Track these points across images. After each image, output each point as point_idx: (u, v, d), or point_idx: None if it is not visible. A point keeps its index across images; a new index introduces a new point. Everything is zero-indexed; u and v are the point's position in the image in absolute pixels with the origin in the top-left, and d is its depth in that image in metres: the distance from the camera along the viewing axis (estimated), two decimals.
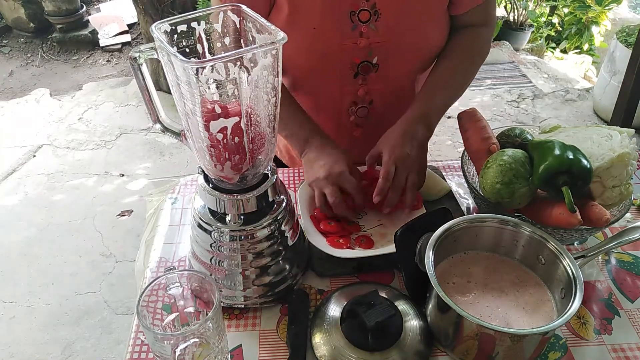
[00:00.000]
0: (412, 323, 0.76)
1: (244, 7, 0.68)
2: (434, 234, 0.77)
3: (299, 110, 1.01)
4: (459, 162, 0.98)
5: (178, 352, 0.64)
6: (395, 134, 0.93)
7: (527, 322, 0.72)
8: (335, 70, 0.98)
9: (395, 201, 0.88)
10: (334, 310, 0.77)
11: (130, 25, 4.35)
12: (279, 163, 1.27)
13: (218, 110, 0.65)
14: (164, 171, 2.88)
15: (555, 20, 4.32)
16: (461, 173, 0.96)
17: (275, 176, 0.77)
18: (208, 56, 0.71)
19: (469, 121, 0.95)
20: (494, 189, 0.83)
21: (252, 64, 0.64)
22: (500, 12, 4.42)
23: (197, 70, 0.60)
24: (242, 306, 0.81)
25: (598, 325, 0.80)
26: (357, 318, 0.72)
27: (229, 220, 0.75)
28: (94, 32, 4.19)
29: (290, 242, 0.81)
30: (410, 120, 0.95)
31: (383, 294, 0.77)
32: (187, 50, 0.69)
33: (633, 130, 0.89)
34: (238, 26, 0.70)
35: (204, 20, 0.69)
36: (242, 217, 0.75)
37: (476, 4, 0.99)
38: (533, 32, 4.24)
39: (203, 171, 0.76)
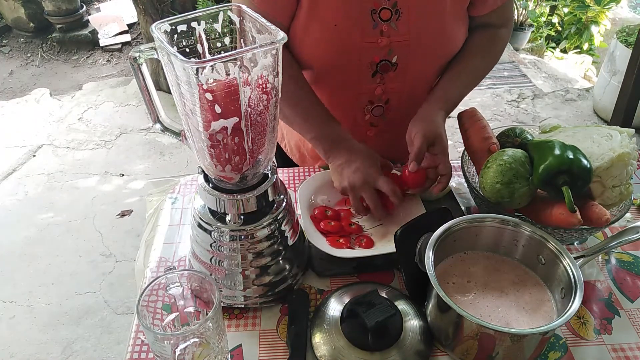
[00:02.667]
0: (412, 323, 0.76)
1: (243, 7, 0.68)
2: (434, 234, 0.77)
3: (323, 109, 1.00)
4: (459, 162, 0.98)
5: (178, 352, 0.64)
6: (426, 118, 0.93)
7: (527, 322, 0.72)
8: (354, 68, 0.98)
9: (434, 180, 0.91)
10: (334, 310, 0.77)
11: (130, 25, 4.35)
12: (286, 161, 1.26)
13: (218, 110, 0.65)
14: (164, 171, 2.88)
15: (555, 20, 4.32)
16: (461, 173, 0.96)
17: (275, 176, 0.77)
18: (208, 56, 0.71)
19: (469, 121, 0.95)
20: (494, 188, 0.83)
21: (252, 64, 0.64)
22: None
23: (197, 70, 0.60)
24: (242, 306, 0.81)
25: (598, 325, 0.80)
26: (357, 318, 0.72)
27: (229, 220, 0.75)
28: (94, 32, 4.19)
29: (290, 242, 0.81)
30: (433, 108, 0.96)
31: (383, 294, 0.77)
32: (187, 50, 0.69)
33: (633, 130, 0.89)
34: (238, 26, 0.70)
35: (204, 20, 0.68)
36: (242, 217, 0.75)
37: (497, 5, 0.99)
38: (533, 31, 4.24)
39: (203, 171, 0.76)
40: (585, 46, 4.18)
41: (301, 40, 0.96)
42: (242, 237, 0.75)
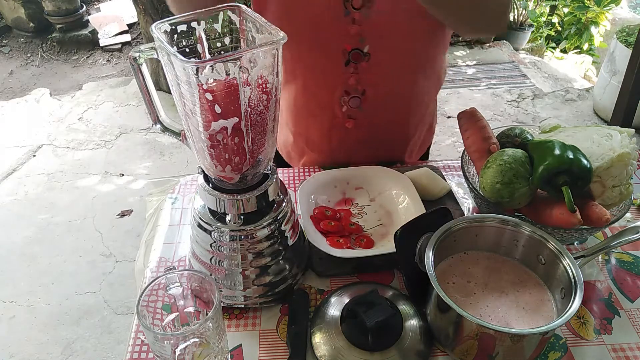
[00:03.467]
0: (412, 323, 0.76)
1: (243, 7, 0.68)
2: (434, 234, 0.77)
3: None
4: (459, 162, 0.98)
5: (178, 352, 0.64)
6: None
7: (527, 322, 0.72)
8: (326, 55, 0.97)
9: None
10: (334, 310, 0.77)
11: (130, 25, 4.35)
12: (278, 159, 1.26)
13: (218, 110, 0.65)
14: (164, 171, 2.88)
15: (555, 20, 4.33)
16: (461, 173, 0.96)
17: (275, 176, 0.77)
18: (208, 56, 0.71)
19: (469, 121, 0.95)
20: (494, 189, 0.83)
21: (252, 64, 0.64)
22: None
23: (197, 70, 0.60)
24: (242, 306, 0.81)
25: (598, 325, 0.80)
26: (357, 318, 0.72)
27: (229, 220, 0.75)
28: (94, 32, 4.19)
29: (290, 242, 0.81)
30: None
31: (383, 294, 0.77)
32: (187, 50, 0.69)
33: (633, 130, 0.89)
34: (238, 26, 0.70)
35: (204, 20, 0.68)
36: (242, 217, 0.75)
37: None
38: (533, 32, 4.25)
39: (203, 171, 0.76)
40: (585, 46, 4.18)
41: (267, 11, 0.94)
42: (242, 237, 0.75)
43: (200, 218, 0.77)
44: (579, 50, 4.28)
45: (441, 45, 1.05)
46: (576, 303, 0.68)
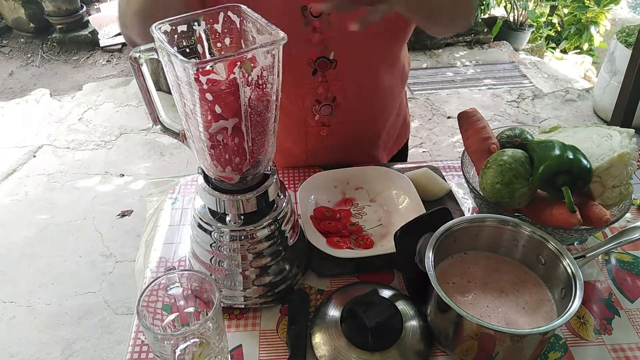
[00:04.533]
0: (412, 323, 0.76)
1: (243, 7, 0.68)
2: (434, 234, 0.77)
3: None
4: (459, 162, 0.98)
5: (178, 352, 0.64)
6: None
7: (527, 322, 0.72)
8: (293, 67, 0.96)
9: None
10: (334, 310, 0.77)
11: None
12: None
13: (218, 110, 0.65)
14: (164, 171, 2.88)
15: (555, 20, 4.33)
16: (461, 173, 0.96)
17: (275, 176, 0.77)
18: (208, 56, 0.71)
19: (469, 121, 0.95)
20: (494, 189, 0.83)
21: (252, 64, 0.64)
22: (500, 12, 4.42)
23: (197, 70, 0.60)
24: (242, 306, 0.81)
25: (598, 325, 0.80)
26: (357, 318, 0.72)
27: (229, 220, 0.75)
28: (94, 32, 4.19)
29: (290, 242, 0.81)
30: None
31: (383, 294, 0.77)
32: (187, 50, 0.69)
33: (633, 130, 0.89)
34: (238, 26, 0.70)
35: (204, 20, 0.68)
36: (242, 217, 0.75)
37: None
38: (533, 32, 4.24)
39: (203, 171, 0.76)
40: (585, 46, 4.18)
41: None
42: (242, 237, 0.75)
43: (200, 218, 0.77)
44: (579, 50, 4.28)
45: (402, 37, 1.03)
46: (576, 303, 0.68)
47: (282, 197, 0.80)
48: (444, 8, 0.89)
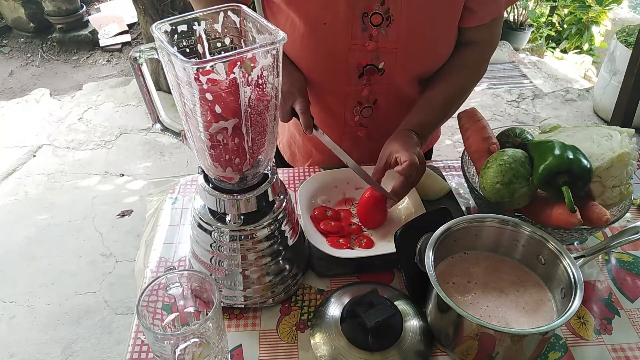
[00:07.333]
0: (412, 323, 0.76)
1: (244, 7, 0.68)
2: (434, 234, 0.77)
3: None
4: (459, 162, 0.98)
5: (178, 352, 0.64)
6: (401, 140, 0.91)
7: (527, 322, 0.72)
8: (341, 69, 0.98)
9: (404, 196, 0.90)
10: (334, 310, 0.77)
11: (130, 25, 4.35)
12: (282, 160, 1.26)
13: (218, 110, 0.65)
14: (164, 171, 2.88)
15: (555, 20, 4.33)
16: (461, 173, 0.96)
17: (275, 176, 0.77)
18: (208, 56, 0.71)
19: (469, 121, 0.95)
20: (494, 189, 0.83)
21: (252, 64, 0.64)
22: None
23: (197, 70, 0.60)
24: (242, 306, 0.81)
25: (598, 325, 0.80)
26: (357, 318, 0.72)
27: (229, 220, 0.75)
28: (94, 32, 4.19)
29: (290, 242, 0.81)
30: (407, 131, 0.94)
31: (383, 294, 0.77)
32: (187, 50, 0.69)
33: (633, 130, 0.89)
34: (238, 26, 0.70)
35: (204, 20, 0.68)
36: (242, 217, 0.75)
37: (486, 20, 0.97)
38: (533, 32, 4.24)
39: (203, 171, 0.76)
40: (586, 46, 4.18)
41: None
42: (242, 237, 0.75)
43: (200, 218, 0.77)
44: (579, 50, 4.28)
45: (448, 57, 1.04)
46: (576, 303, 0.68)
47: (282, 197, 0.80)
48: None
